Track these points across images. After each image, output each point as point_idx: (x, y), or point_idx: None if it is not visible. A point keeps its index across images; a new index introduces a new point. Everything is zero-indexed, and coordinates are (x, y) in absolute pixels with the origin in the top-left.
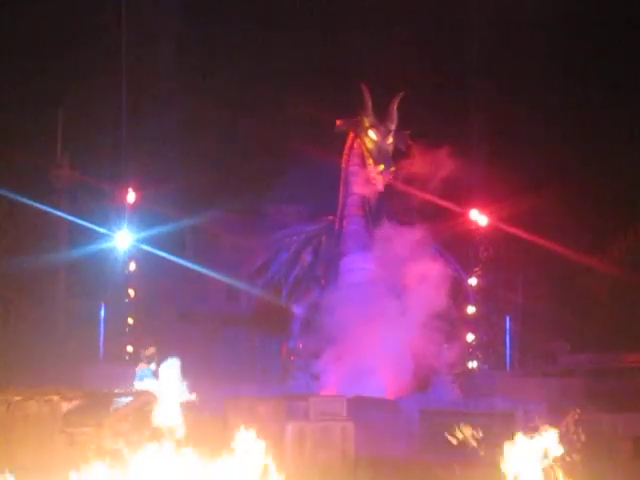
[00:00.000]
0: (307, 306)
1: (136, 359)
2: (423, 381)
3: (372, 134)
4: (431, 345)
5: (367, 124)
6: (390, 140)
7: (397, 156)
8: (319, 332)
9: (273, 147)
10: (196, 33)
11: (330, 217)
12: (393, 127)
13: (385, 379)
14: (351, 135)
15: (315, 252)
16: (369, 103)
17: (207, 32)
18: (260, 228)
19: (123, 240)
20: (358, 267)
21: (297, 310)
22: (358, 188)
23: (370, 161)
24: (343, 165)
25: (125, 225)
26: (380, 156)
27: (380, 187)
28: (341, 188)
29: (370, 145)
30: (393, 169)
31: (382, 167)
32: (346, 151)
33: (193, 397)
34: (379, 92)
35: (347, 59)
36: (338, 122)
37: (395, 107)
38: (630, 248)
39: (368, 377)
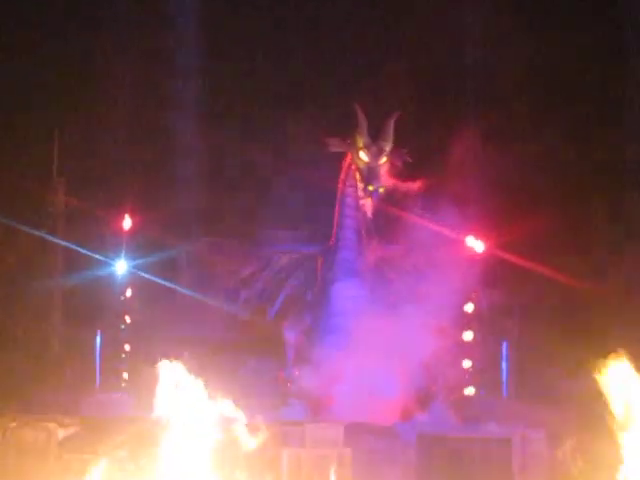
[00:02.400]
0: (299, 332)
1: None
2: (420, 407)
3: (363, 155)
4: (425, 371)
5: (360, 144)
6: (383, 160)
7: (393, 173)
8: (311, 359)
9: (270, 171)
10: (190, 60)
11: (331, 242)
12: (387, 147)
13: (378, 406)
14: (349, 155)
15: (308, 275)
16: (363, 123)
17: (201, 60)
18: (256, 253)
19: (119, 266)
20: (348, 295)
21: (289, 336)
22: (352, 210)
23: (360, 181)
24: (339, 185)
25: (121, 251)
26: (369, 176)
27: (369, 213)
28: (337, 208)
29: (361, 165)
30: (382, 190)
31: (371, 187)
32: (344, 170)
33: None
34: (377, 111)
35: (347, 80)
36: (328, 141)
37: (391, 126)
38: (627, 273)
39: (362, 404)
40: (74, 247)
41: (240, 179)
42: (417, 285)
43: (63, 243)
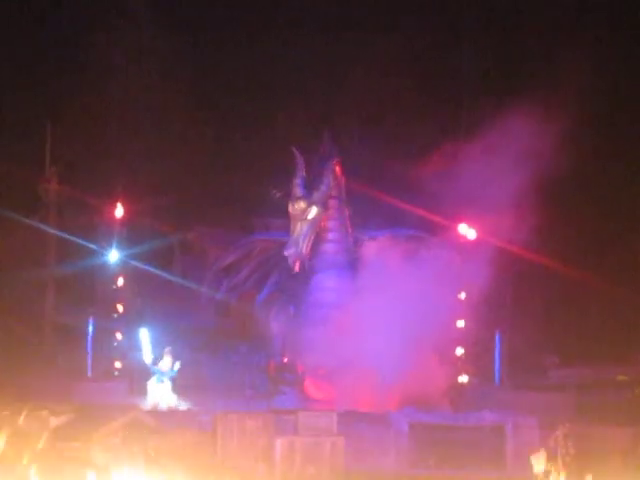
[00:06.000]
0: (284, 322)
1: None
2: (412, 396)
3: (290, 206)
4: (412, 359)
5: (293, 194)
6: (312, 214)
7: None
8: (296, 349)
9: (261, 161)
10: (184, 50)
11: None
12: (318, 202)
13: (365, 394)
14: None
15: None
16: (300, 171)
17: (195, 49)
18: (245, 241)
19: (112, 255)
20: (328, 286)
21: (275, 326)
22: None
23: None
24: None
25: (114, 240)
26: (291, 241)
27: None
28: None
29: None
30: (295, 256)
31: (290, 253)
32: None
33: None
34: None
35: (333, 71)
36: (277, 194)
37: (326, 176)
38: (620, 261)
39: (348, 392)
40: (67, 236)
41: (233, 167)
42: (403, 275)
43: (56, 232)
